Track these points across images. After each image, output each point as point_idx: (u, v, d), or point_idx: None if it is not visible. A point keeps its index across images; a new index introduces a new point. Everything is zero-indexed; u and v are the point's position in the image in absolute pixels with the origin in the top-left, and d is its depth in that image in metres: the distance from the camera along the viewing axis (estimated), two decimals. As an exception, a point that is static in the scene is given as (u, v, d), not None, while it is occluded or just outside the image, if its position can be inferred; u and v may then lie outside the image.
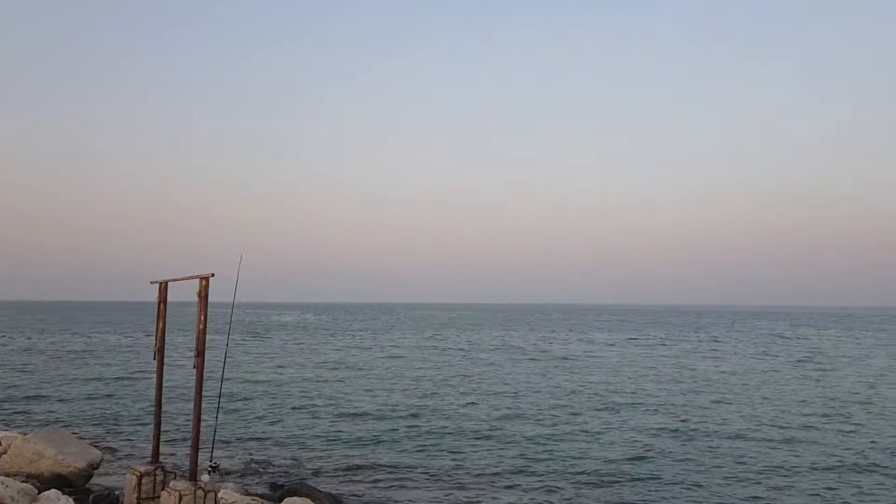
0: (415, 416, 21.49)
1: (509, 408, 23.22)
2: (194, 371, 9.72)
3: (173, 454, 15.56)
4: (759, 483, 14.03)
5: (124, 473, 11.96)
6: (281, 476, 14.07)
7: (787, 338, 69.28)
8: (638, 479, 14.14)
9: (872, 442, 18.17)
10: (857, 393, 27.61)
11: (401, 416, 21.35)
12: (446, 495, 13.06)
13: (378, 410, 22.48)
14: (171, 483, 10.22)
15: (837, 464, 15.71)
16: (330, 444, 17.30)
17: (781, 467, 15.30)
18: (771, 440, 18.21)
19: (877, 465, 15.63)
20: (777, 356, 46.33)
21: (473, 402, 24.21)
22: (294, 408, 22.91)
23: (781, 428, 19.94)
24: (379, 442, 17.61)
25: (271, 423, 20.13)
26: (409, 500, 12.79)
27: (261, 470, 14.70)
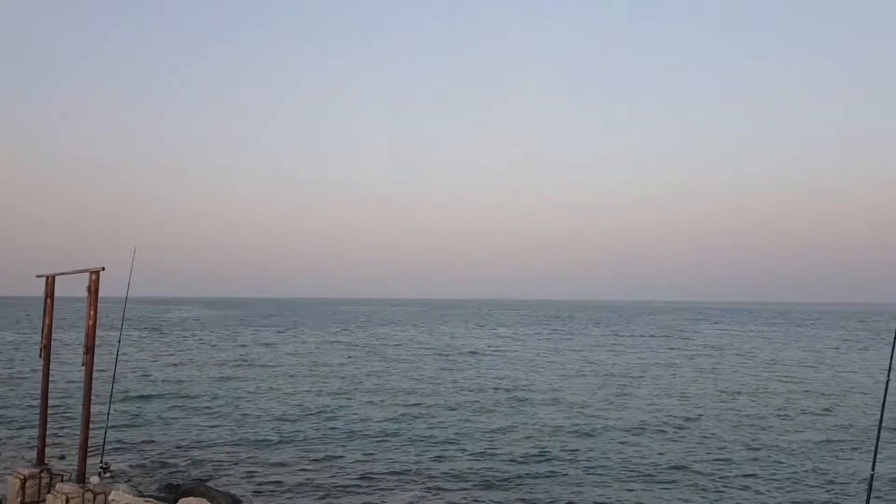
0: (320, 414, 21.26)
1: (415, 405, 23.29)
2: (84, 369, 9.31)
3: (62, 457, 14.81)
4: (658, 476, 14.57)
5: (7, 477, 11.30)
6: (177, 476, 13.62)
7: (683, 332, 72.31)
8: (542, 477, 14.32)
9: (761, 429, 19.23)
10: (744, 384, 29.13)
11: (306, 415, 21.08)
12: (350, 495, 12.96)
13: (282, 409, 22.12)
14: (58, 486, 9.78)
15: (728, 455, 16.52)
16: (231, 445, 16.87)
17: (677, 460, 15.93)
18: (667, 433, 18.97)
19: (764, 457, 16.55)
20: (673, 349, 48.31)
21: (380, 400, 24.15)
22: (194, 407, 22.24)
23: (677, 420, 20.83)
24: (282, 442, 17.29)
25: (169, 423, 19.47)
26: (312, 500, 12.63)
27: (156, 471, 14.18)
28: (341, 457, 15.68)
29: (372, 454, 15.95)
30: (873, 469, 7.69)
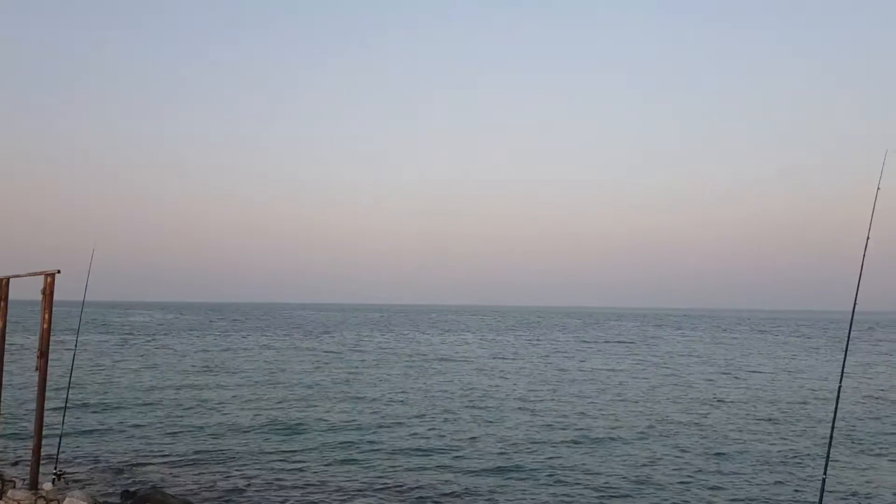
0: (283, 423, 21.02)
1: (381, 413, 23.21)
2: (38, 373, 9.13)
3: (14, 463, 14.47)
4: (621, 486, 14.66)
5: (-45, 485, 11.02)
6: (134, 483, 13.40)
7: (647, 338, 73.07)
8: (508, 489, 14.06)
9: (720, 436, 19.52)
10: (704, 391, 29.54)
11: (268, 423, 20.84)
12: None
13: (244, 417, 21.91)
14: (10, 492, 9.58)
15: (689, 463, 16.76)
16: (192, 453, 16.61)
17: (639, 469, 16.05)
18: (629, 441, 19.12)
19: (723, 463, 16.82)
20: (637, 355, 48.77)
21: (347, 408, 23.99)
22: (154, 414, 21.90)
23: (639, 427, 21.04)
24: (244, 450, 17.06)
25: (127, 431, 19.13)
26: (272, 505, 12.51)
27: (113, 478, 13.93)
28: (304, 467, 15.54)
29: (336, 464, 15.82)
30: (825, 474, 7.89)
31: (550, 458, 16.61)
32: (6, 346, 10.53)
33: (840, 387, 8.25)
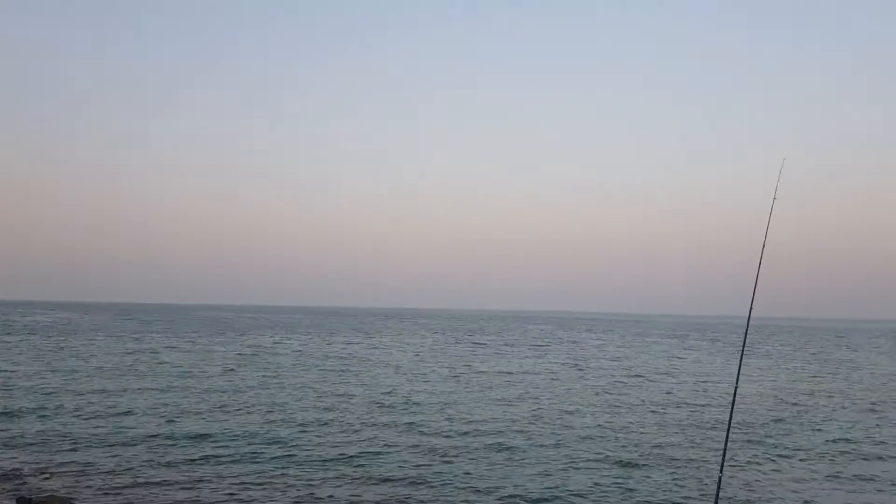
0: (191, 429, 20.47)
1: (290, 419, 22.90)
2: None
3: None
4: (535, 496, 14.92)
5: None
6: (30, 488, 12.82)
7: (564, 341, 74.45)
8: (419, 497, 13.89)
9: (624, 439, 20.10)
10: (613, 394, 30.37)
11: (175, 430, 20.24)
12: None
13: (151, 423, 21.25)
14: None
15: (595, 465, 17.22)
16: (96, 462, 15.96)
17: (554, 481, 16.29)
18: (545, 447, 19.44)
19: (627, 462, 17.34)
20: (552, 358, 49.66)
21: (259, 415, 23.56)
22: (56, 420, 20.97)
23: (555, 432, 21.45)
24: (151, 459, 16.41)
25: (26, 437, 18.28)
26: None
27: (8, 486, 13.28)
28: (212, 476, 15.06)
29: (246, 473, 15.40)
30: (721, 472, 8.25)
31: (466, 464, 16.66)
32: None
33: (736, 388, 8.65)
